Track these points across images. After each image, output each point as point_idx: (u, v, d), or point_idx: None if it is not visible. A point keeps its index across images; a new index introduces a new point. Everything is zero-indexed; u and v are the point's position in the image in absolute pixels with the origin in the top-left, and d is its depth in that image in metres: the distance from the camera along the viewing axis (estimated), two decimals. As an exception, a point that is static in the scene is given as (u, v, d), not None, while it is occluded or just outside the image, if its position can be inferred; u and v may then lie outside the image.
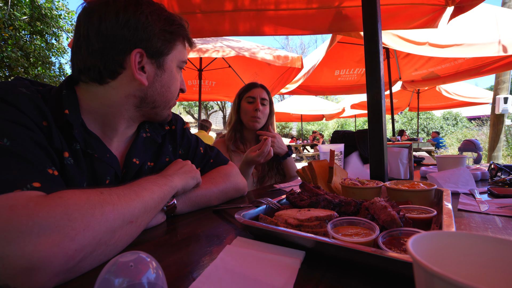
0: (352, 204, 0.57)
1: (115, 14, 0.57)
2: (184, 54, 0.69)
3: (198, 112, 4.47)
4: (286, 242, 0.46)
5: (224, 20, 1.77)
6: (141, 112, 0.68)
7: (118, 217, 0.44)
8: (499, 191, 0.87)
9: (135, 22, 0.59)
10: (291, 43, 32.77)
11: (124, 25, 0.58)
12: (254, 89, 1.48)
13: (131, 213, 0.47)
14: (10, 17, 6.03)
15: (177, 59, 0.68)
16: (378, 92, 1.00)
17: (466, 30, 2.61)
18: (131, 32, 0.58)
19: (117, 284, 0.26)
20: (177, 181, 0.64)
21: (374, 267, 0.38)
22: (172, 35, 0.64)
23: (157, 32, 0.61)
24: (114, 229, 0.43)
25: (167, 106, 0.71)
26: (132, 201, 0.48)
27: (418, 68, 3.91)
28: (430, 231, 0.26)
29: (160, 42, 0.62)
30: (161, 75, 0.65)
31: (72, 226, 0.37)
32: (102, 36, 0.57)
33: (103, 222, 0.41)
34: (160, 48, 0.63)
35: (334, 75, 4.24)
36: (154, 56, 0.63)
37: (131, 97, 0.64)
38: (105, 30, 0.57)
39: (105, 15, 0.57)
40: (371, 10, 1.03)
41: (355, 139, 1.84)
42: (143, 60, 0.61)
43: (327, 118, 9.69)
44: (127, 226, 0.46)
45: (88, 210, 0.40)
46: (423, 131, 16.73)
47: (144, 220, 0.51)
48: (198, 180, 0.72)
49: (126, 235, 0.46)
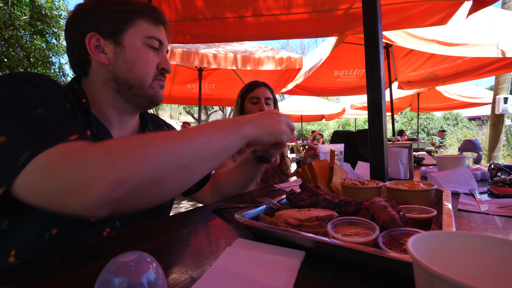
0: (352, 204, 0.57)
1: (73, 12, 0.68)
2: (148, 31, 0.69)
3: (198, 112, 4.47)
4: (286, 242, 0.46)
5: (230, 26, 1.79)
6: (124, 98, 0.70)
7: (161, 158, 0.43)
8: (499, 191, 0.87)
9: (86, 13, 0.66)
10: (291, 43, 32.77)
11: (79, 18, 0.66)
12: (257, 89, 1.44)
13: (177, 156, 0.45)
14: (10, 17, 6.03)
15: (138, 35, 0.68)
16: (378, 92, 1.00)
17: (467, 31, 2.61)
18: (83, 22, 0.66)
19: (117, 284, 0.26)
20: (249, 130, 0.57)
21: (374, 267, 0.38)
22: (124, 14, 0.67)
23: (106, 13, 0.66)
24: (158, 169, 0.42)
25: (144, 84, 0.69)
26: (180, 143, 0.46)
27: (416, 69, 3.89)
28: (430, 231, 0.26)
29: (111, 22, 0.66)
30: (121, 52, 0.67)
31: (113, 162, 0.40)
32: (66, 34, 0.68)
33: (143, 160, 0.41)
34: (113, 27, 0.66)
35: (333, 76, 4.23)
36: (109, 36, 0.66)
37: (108, 82, 0.68)
38: (68, 28, 0.68)
39: (70, 15, 0.68)
40: (371, 10, 1.03)
41: (355, 139, 1.84)
42: (100, 42, 0.66)
43: (327, 118, 9.69)
44: (175, 170, 0.44)
45: (128, 150, 0.42)
46: (423, 131, 16.73)
47: (199, 167, 0.48)
48: (278, 139, 0.62)
49: (175, 179, 0.45)
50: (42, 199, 0.41)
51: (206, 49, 3.11)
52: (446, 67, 3.61)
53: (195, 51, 3.00)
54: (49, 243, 0.55)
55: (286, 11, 1.69)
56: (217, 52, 3.09)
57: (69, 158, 0.41)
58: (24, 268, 0.42)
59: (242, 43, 3.56)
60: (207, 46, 3.23)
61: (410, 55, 3.71)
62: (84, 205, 0.38)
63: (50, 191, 0.40)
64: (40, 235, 0.55)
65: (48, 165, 0.41)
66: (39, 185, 0.41)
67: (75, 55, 0.68)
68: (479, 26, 2.64)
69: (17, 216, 0.55)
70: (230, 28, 1.79)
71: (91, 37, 0.65)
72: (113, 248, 0.50)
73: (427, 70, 3.82)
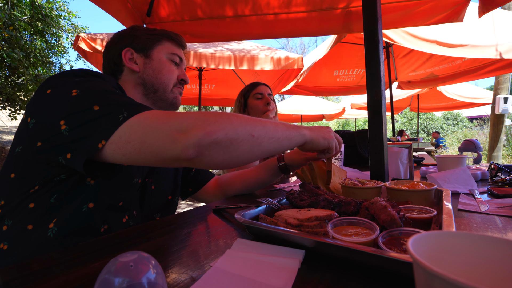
0: (352, 204, 0.57)
1: (114, 34, 0.86)
2: (172, 49, 0.85)
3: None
4: (286, 242, 0.46)
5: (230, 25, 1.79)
6: (150, 101, 0.83)
7: (241, 125, 0.54)
8: (499, 191, 0.87)
9: (124, 35, 0.83)
10: (291, 43, 32.79)
11: (118, 39, 0.83)
12: (259, 86, 1.51)
13: (252, 127, 0.55)
14: (10, 17, 6.03)
15: (164, 51, 0.84)
16: (378, 92, 1.00)
17: (467, 31, 2.61)
18: (121, 41, 0.82)
19: (117, 284, 0.26)
20: (307, 132, 0.68)
21: (374, 267, 0.38)
22: (154, 36, 0.84)
23: (140, 35, 0.83)
24: (237, 131, 0.53)
25: (167, 89, 0.83)
26: (255, 121, 0.57)
27: (416, 69, 3.89)
28: (430, 231, 0.26)
29: (144, 41, 0.82)
30: (149, 63, 0.82)
31: (207, 119, 0.51)
32: (105, 50, 0.85)
33: (228, 123, 0.52)
34: (144, 44, 0.82)
35: (333, 76, 4.22)
36: (141, 51, 0.82)
37: (137, 86, 0.81)
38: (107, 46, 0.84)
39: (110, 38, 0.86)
40: (371, 10, 1.03)
41: (355, 139, 1.84)
42: (133, 55, 0.81)
43: (327, 118, 9.67)
44: (248, 138, 0.54)
45: (218, 115, 0.53)
46: (423, 131, 16.72)
47: (265, 142, 0.57)
48: (330, 144, 0.73)
49: (247, 144, 0.54)
50: (142, 144, 0.51)
51: (205, 49, 3.11)
52: (446, 67, 3.60)
53: (194, 51, 3.00)
54: (85, 216, 0.62)
55: (286, 10, 1.69)
56: (217, 51, 3.09)
57: (169, 114, 0.52)
58: (24, 268, 0.42)
59: (240, 42, 3.56)
60: (206, 46, 3.22)
61: (410, 55, 3.70)
62: (182, 144, 0.49)
63: (154, 135, 0.50)
64: (79, 207, 0.62)
65: (151, 118, 0.52)
66: (142, 133, 0.51)
67: (110, 66, 0.82)
68: (479, 27, 2.64)
69: (65, 191, 0.61)
70: (230, 27, 1.80)
71: (126, 51, 0.80)
72: (113, 248, 0.50)
73: (427, 70, 3.82)
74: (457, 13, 1.66)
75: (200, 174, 1.01)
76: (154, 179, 0.83)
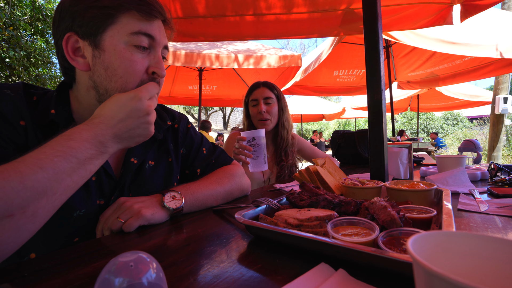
0: (352, 204, 0.57)
1: (55, 11, 0.60)
2: (132, 26, 0.58)
3: (198, 112, 4.47)
4: (286, 242, 0.46)
5: (231, 25, 1.79)
6: None
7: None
8: (499, 191, 0.87)
9: (64, 11, 0.58)
10: (291, 43, 32.79)
11: (59, 17, 0.59)
12: (255, 91, 1.45)
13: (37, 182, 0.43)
14: (10, 17, 6.03)
15: (120, 33, 0.57)
16: (378, 92, 1.00)
17: (468, 31, 2.62)
18: (62, 21, 0.58)
19: (117, 284, 0.26)
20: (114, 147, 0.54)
21: (374, 267, 0.38)
22: (103, 10, 0.56)
23: (83, 10, 0.56)
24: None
25: None
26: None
27: (416, 69, 3.89)
28: (430, 231, 0.26)
29: (88, 20, 0.56)
30: (99, 56, 0.57)
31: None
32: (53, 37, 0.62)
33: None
34: (91, 26, 0.56)
35: (333, 76, 4.23)
36: (87, 37, 0.57)
37: (90, 90, 0.60)
38: (52, 30, 0.61)
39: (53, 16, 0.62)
40: (371, 10, 1.03)
41: (355, 139, 1.84)
42: (79, 44, 0.58)
43: (327, 118, 9.68)
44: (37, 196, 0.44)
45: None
46: (423, 131, 16.72)
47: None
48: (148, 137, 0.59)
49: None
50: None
51: (205, 49, 3.11)
52: (446, 67, 3.60)
53: (193, 51, 3.01)
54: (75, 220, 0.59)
55: (286, 11, 1.69)
56: (217, 52, 3.09)
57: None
58: (24, 268, 0.42)
59: (245, 42, 3.57)
60: (206, 46, 3.23)
61: (410, 55, 3.70)
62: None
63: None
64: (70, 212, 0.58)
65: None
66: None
67: (60, 62, 0.61)
68: (480, 26, 2.65)
69: None
70: (230, 27, 1.80)
71: (68, 38, 0.57)
72: (113, 248, 0.50)
73: (427, 70, 3.82)
74: (443, 18, 1.70)
75: (221, 157, 0.93)
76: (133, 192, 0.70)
